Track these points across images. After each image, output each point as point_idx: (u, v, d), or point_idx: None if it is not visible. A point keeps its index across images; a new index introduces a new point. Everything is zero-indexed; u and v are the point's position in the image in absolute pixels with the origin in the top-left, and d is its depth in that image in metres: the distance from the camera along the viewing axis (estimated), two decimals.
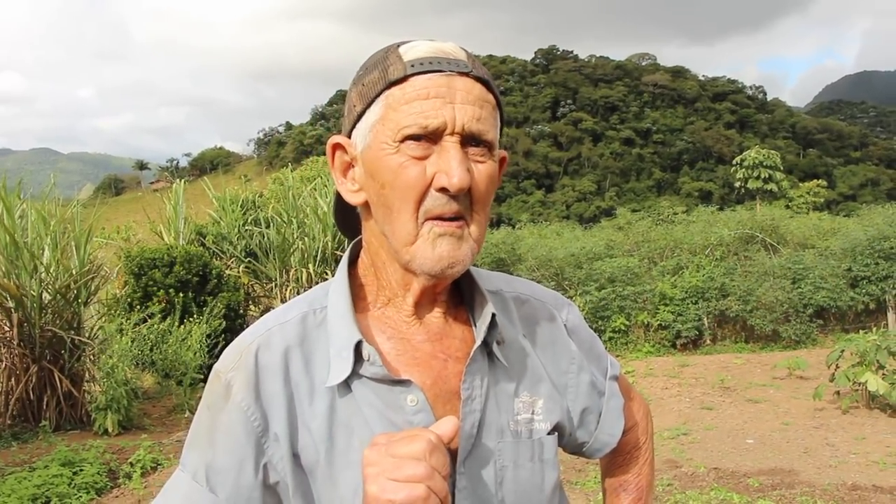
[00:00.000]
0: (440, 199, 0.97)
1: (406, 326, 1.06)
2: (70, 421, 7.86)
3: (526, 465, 1.06)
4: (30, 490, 5.37)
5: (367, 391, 1.01)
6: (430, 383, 1.03)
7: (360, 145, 1.02)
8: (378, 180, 0.99)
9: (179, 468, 1.05)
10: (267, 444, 1.00)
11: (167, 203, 14.31)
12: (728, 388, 9.09)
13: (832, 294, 13.35)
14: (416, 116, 0.96)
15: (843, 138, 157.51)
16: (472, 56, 1.02)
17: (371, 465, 0.88)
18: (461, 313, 1.10)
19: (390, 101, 0.98)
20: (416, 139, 0.96)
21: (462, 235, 0.99)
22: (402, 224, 0.98)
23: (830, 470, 5.93)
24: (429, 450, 0.87)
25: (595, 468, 5.94)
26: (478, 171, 0.99)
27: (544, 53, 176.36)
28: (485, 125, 0.98)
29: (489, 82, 1.01)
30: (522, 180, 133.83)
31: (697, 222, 18.34)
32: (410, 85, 0.97)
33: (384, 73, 0.99)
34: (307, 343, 1.04)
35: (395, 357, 1.04)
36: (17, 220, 8.29)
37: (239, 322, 11.66)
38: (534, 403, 1.10)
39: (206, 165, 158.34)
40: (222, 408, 1.02)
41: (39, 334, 7.75)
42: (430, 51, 0.99)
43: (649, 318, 13.40)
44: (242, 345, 1.05)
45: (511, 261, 15.55)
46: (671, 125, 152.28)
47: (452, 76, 0.98)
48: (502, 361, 1.07)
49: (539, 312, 1.18)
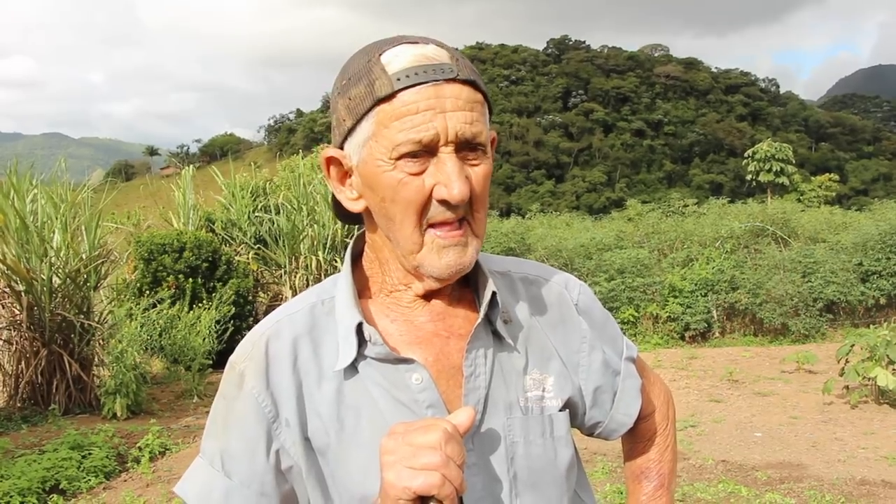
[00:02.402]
0: (441, 208, 0.98)
1: (409, 310, 1.09)
2: (79, 405, 7.91)
3: (537, 442, 1.08)
4: (39, 473, 5.41)
5: (374, 371, 1.04)
6: (433, 360, 1.06)
7: (356, 159, 1.02)
8: (378, 194, 1.01)
9: (199, 455, 1.10)
10: (279, 430, 1.04)
11: (176, 189, 14.34)
12: (736, 380, 9.06)
13: (842, 288, 13.27)
14: (409, 132, 0.96)
15: (855, 132, 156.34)
16: (454, 54, 1.01)
17: (388, 453, 0.90)
18: (466, 294, 1.12)
19: (381, 118, 0.97)
20: (412, 156, 0.97)
21: (466, 242, 1.02)
22: (406, 235, 1.00)
23: (839, 464, 5.90)
24: (444, 439, 0.89)
25: (603, 459, 5.94)
26: (475, 174, 1.00)
27: (556, 43, 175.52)
28: (477, 127, 0.98)
29: (475, 81, 1.00)
30: (532, 170, 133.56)
31: (708, 215, 18.26)
32: (399, 100, 0.96)
33: (370, 87, 0.98)
34: (316, 331, 1.08)
35: (397, 338, 1.07)
36: (28, 205, 8.32)
37: (248, 308, 11.69)
38: (544, 381, 1.11)
39: (217, 152, 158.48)
40: (236, 396, 1.07)
41: (49, 318, 7.79)
42: (414, 59, 0.98)
43: (658, 310, 13.36)
44: (255, 336, 1.09)
45: (521, 250, 15.53)
46: (683, 117, 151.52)
47: (440, 85, 0.97)
48: (508, 340, 1.09)
49: (549, 292, 1.19)
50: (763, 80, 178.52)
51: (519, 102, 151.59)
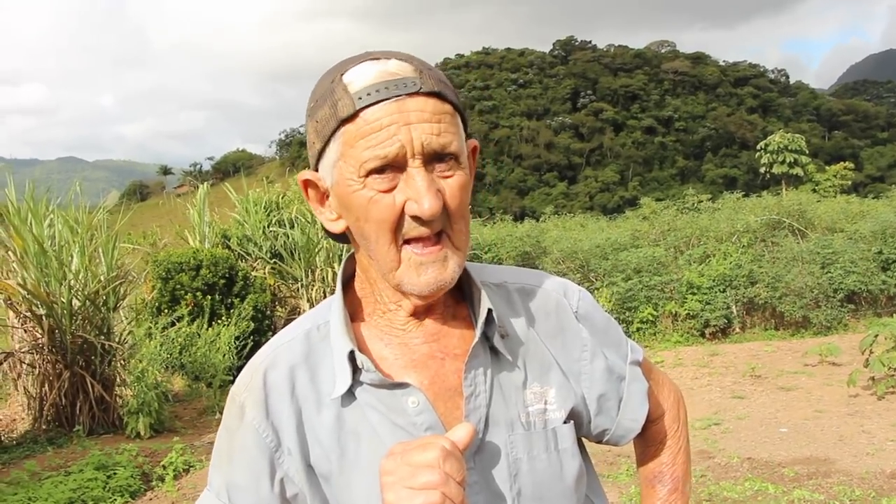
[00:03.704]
0: (415, 224, 0.97)
1: (403, 332, 1.08)
2: (103, 425, 7.94)
3: (541, 457, 1.07)
4: (66, 494, 5.44)
5: (371, 397, 1.04)
6: (428, 383, 1.05)
7: (329, 180, 1.02)
8: (353, 213, 1.00)
9: (207, 487, 1.12)
10: (281, 459, 1.05)
11: (191, 208, 14.42)
12: (759, 376, 8.98)
13: (863, 278, 13.12)
14: (374, 149, 0.94)
15: (869, 119, 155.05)
16: (419, 66, 0.99)
17: (388, 473, 0.90)
18: (461, 310, 1.11)
19: (346, 139, 0.97)
20: (379, 171, 0.95)
21: (445, 256, 1.00)
22: (383, 253, 0.99)
23: (867, 458, 5.83)
24: (442, 457, 0.89)
25: (627, 461, 5.90)
26: (448, 186, 0.98)
27: (562, 44, 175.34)
28: (445, 138, 0.96)
29: (441, 92, 0.98)
30: (545, 173, 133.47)
31: (723, 209, 18.13)
32: (362, 119, 0.95)
33: (334, 108, 0.97)
34: (312, 358, 1.08)
35: (392, 362, 1.06)
36: (46, 229, 8.39)
37: (267, 323, 11.72)
38: (545, 393, 1.10)
39: (229, 168, 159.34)
40: (238, 428, 1.07)
41: (70, 340, 7.84)
42: (376, 77, 0.96)
43: (677, 308, 13.27)
44: (252, 367, 1.10)
45: (536, 254, 15.49)
46: (693, 112, 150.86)
47: (402, 99, 0.95)
48: (506, 355, 1.08)
49: (546, 301, 1.17)
50: (772, 70, 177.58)
51: (528, 105, 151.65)
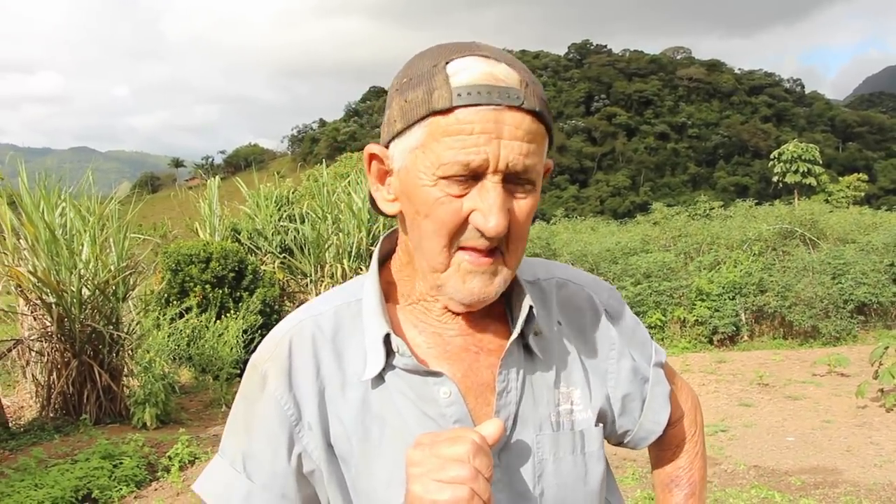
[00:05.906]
0: (475, 233, 0.94)
1: (439, 322, 1.05)
2: (109, 414, 7.97)
3: (567, 458, 1.05)
4: (72, 482, 5.46)
5: (401, 382, 1.01)
6: (461, 376, 1.03)
7: (398, 163, 0.98)
8: (413, 205, 0.97)
9: (219, 454, 1.09)
10: (301, 434, 1.02)
11: (202, 201, 14.47)
12: (767, 384, 8.94)
13: (874, 290, 13.05)
14: (458, 152, 0.90)
15: (884, 131, 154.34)
16: (525, 77, 0.94)
17: (415, 464, 0.88)
18: (497, 306, 1.07)
19: (432, 130, 0.92)
20: (455, 178, 0.92)
21: (495, 271, 0.97)
22: (435, 252, 0.96)
23: (875, 469, 5.79)
24: (473, 451, 0.86)
25: (633, 465, 5.88)
26: (518, 207, 0.95)
27: (578, 48, 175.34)
28: (531, 160, 0.93)
29: (540, 112, 0.93)
30: (556, 175, 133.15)
31: (735, 217, 18.09)
32: (455, 117, 0.91)
33: (428, 96, 0.92)
34: (340, 334, 1.05)
35: (425, 350, 1.04)
36: (58, 218, 8.43)
37: (274, 318, 11.74)
38: (571, 393, 1.08)
39: (241, 162, 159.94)
40: (258, 398, 1.04)
41: (79, 329, 7.87)
42: (481, 77, 0.91)
43: (686, 314, 13.23)
44: (277, 336, 1.07)
45: (546, 256, 15.48)
46: (706, 119, 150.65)
47: (501, 110, 0.90)
48: (539, 354, 1.06)
49: (578, 297, 1.15)
50: (788, 80, 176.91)
51: None
